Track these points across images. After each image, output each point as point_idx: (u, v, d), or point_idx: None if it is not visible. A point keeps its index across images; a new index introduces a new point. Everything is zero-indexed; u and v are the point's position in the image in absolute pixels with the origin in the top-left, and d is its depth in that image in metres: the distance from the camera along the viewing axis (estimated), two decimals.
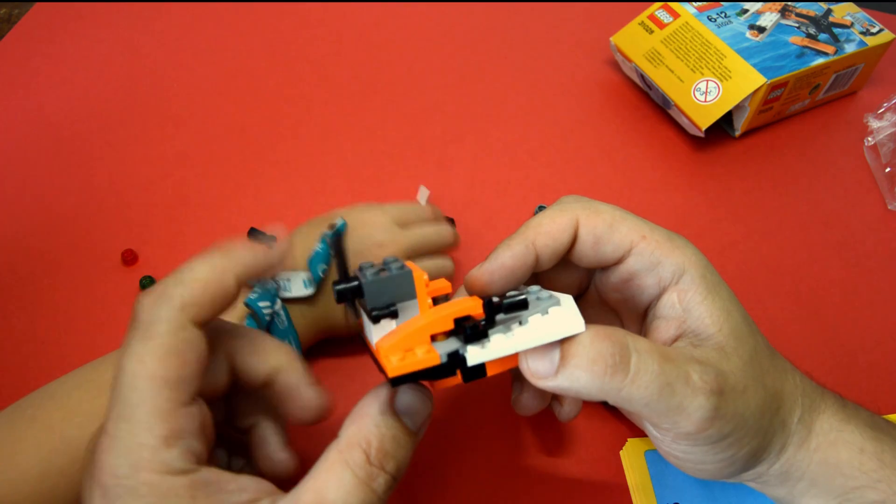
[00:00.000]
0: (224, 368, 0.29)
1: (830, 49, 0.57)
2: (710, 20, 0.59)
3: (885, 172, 0.55)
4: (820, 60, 0.56)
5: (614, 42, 0.63)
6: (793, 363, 0.32)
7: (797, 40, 0.57)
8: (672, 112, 0.59)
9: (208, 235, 0.51)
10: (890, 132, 0.57)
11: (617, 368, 0.26)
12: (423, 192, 0.51)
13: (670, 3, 0.61)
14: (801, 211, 0.54)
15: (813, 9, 0.60)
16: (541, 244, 0.31)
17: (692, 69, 0.57)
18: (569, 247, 0.32)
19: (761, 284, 0.49)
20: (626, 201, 0.54)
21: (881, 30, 0.59)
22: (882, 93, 0.62)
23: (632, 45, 0.61)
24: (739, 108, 0.56)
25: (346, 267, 0.27)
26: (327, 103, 0.62)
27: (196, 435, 0.25)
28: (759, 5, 0.60)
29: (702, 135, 0.56)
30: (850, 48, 0.57)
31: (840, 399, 0.32)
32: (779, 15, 0.59)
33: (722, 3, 0.60)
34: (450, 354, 0.27)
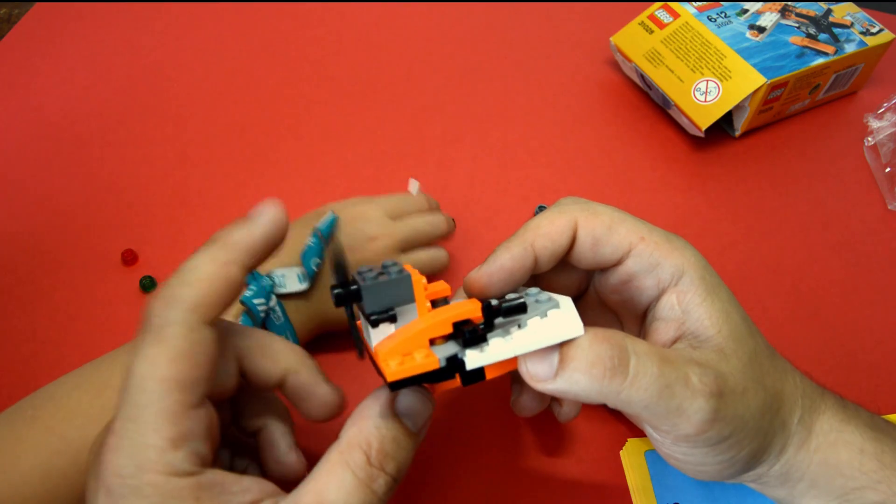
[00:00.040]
0: (233, 370, 0.29)
1: (830, 49, 0.57)
2: (710, 20, 0.59)
3: (885, 172, 0.55)
4: (820, 60, 0.56)
5: (614, 42, 0.62)
6: (793, 363, 0.32)
7: (797, 40, 0.57)
8: (672, 112, 0.59)
9: (208, 235, 0.50)
10: (890, 132, 0.57)
11: (616, 371, 0.26)
12: (414, 184, 0.51)
13: (670, 3, 0.61)
14: (801, 211, 0.54)
15: (813, 9, 0.60)
16: (539, 246, 0.31)
17: (692, 69, 0.57)
18: (567, 249, 0.32)
19: (761, 284, 0.49)
20: (626, 201, 0.54)
21: (881, 30, 0.59)
22: (882, 93, 0.62)
23: (632, 45, 0.61)
24: (739, 108, 0.56)
25: (345, 269, 0.27)
26: (327, 103, 0.62)
27: (202, 438, 0.25)
28: (759, 5, 0.60)
29: (702, 135, 0.56)
30: (850, 48, 0.57)
31: (840, 399, 0.32)
32: (779, 15, 0.59)
33: (722, 3, 0.60)
34: (448, 359, 0.27)
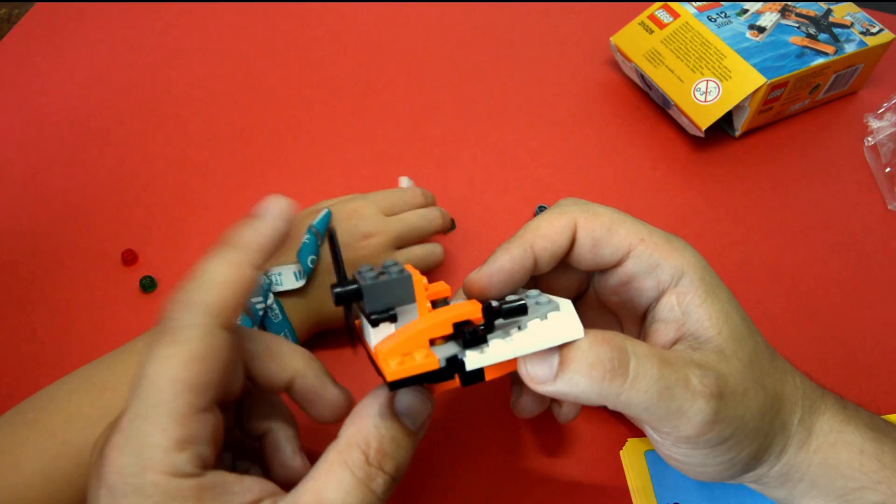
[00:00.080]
0: (239, 374, 0.29)
1: (830, 49, 0.57)
2: (710, 20, 0.59)
3: (885, 172, 0.55)
4: (820, 60, 0.56)
5: (614, 42, 0.62)
6: (793, 363, 0.32)
7: (797, 40, 0.57)
8: (672, 112, 0.59)
9: (208, 235, 0.51)
10: (890, 132, 0.57)
11: (615, 373, 0.26)
12: (404, 181, 0.51)
13: (670, 3, 0.61)
14: (801, 211, 0.54)
15: (813, 9, 0.60)
16: (539, 247, 0.31)
17: (692, 69, 0.57)
18: (567, 250, 0.32)
19: (761, 284, 0.49)
20: (626, 201, 0.54)
21: (881, 30, 0.59)
22: (882, 93, 0.62)
23: (632, 45, 0.61)
24: (739, 108, 0.56)
25: (342, 267, 0.27)
26: (327, 103, 0.62)
27: (207, 441, 0.25)
28: (759, 5, 0.60)
29: (702, 135, 0.56)
30: (850, 48, 0.57)
31: (840, 400, 0.32)
32: (779, 15, 0.59)
33: (722, 3, 0.60)
34: (448, 359, 0.27)
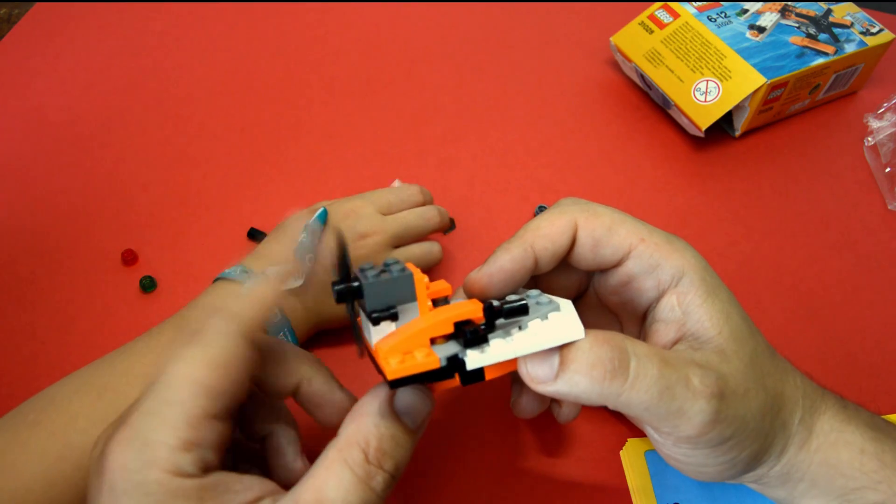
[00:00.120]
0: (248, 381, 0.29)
1: (830, 49, 0.57)
2: (710, 20, 0.59)
3: (885, 172, 0.55)
4: (820, 60, 0.56)
5: (614, 42, 0.62)
6: (793, 363, 0.32)
7: (797, 40, 0.57)
8: (672, 112, 0.59)
9: (208, 235, 0.51)
10: (890, 132, 0.57)
11: (616, 373, 0.26)
12: (397, 185, 0.51)
13: (670, 3, 0.61)
14: (801, 211, 0.54)
15: (813, 9, 0.60)
16: (539, 247, 0.31)
17: (692, 69, 0.57)
18: (567, 250, 0.32)
19: (761, 284, 0.49)
20: (626, 201, 0.54)
21: (881, 30, 0.59)
22: (882, 93, 0.62)
23: (632, 45, 0.61)
24: (739, 108, 0.56)
25: (348, 266, 0.27)
26: (327, 103, 0.62)
27: (213, 447, 0.25)
28: (759, 5, 0.60)
29: (702, 135, 0.56)
30: (850, 48, 0.57)
31: (840, 400, 0.32)
32: (779, 15, 0.59)
33: (722, 3, 0.60)
34: (449, 358, 0.27)
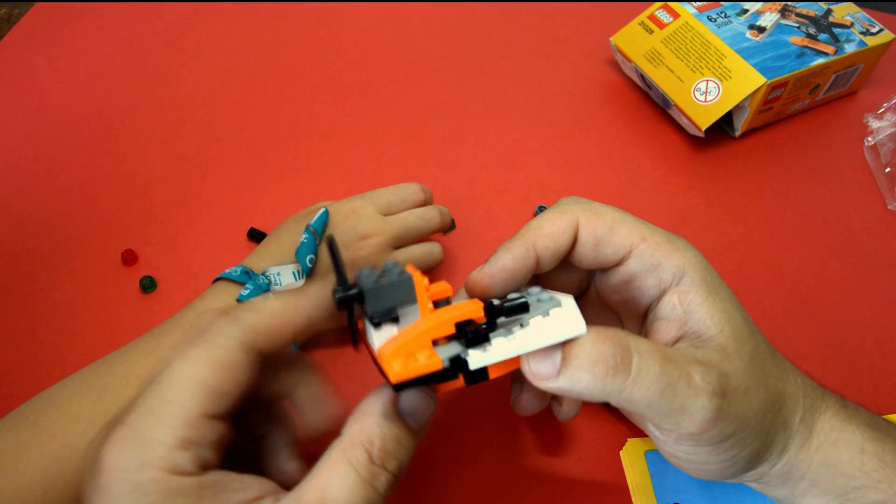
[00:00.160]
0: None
1: (830, 49, 0.57)
2: (710, 20, 0.59)
3: (885, 172, 0.55)
4: (820, 60, 0.56)
5: (614, 42, 0.63)
6: (793, 363, 0.33)
7: (797, 40, 0.57)
8: (672, 112, 0.59)
9: (208, 235, 0.51)
10: (890, 132, 0.57)
11: (618, 369, 0.26)
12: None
13: (670, 3, 0.61)
14: (801, 211, 0.54)
15: (813, 9, 0.60)
16: (541, 246, 0.31)
17: (692, 69, 0.57)
18: (569, 249, 0.32)
19: (761, 284, 0.49)
20: (627, 201, 0.54)
21: (881, 30, 0.59)
22: (882, 93, 0.62)
23: (632, 45, 0.61)
24: (739, 108, 0.56)
25: (343, 271, 0.27)
26: (327, 103, 0.62)
27: (212, 446, 0.25)
28: (759, 5, 0.60)
29: (702, 135, 0.56)
30: (850, 48, 0.57)
31: (841, 399, 0.32)
32: (779, 15, 0.59)
33: (722, 3, 0.60)
34: (452, 359, 0.27)
